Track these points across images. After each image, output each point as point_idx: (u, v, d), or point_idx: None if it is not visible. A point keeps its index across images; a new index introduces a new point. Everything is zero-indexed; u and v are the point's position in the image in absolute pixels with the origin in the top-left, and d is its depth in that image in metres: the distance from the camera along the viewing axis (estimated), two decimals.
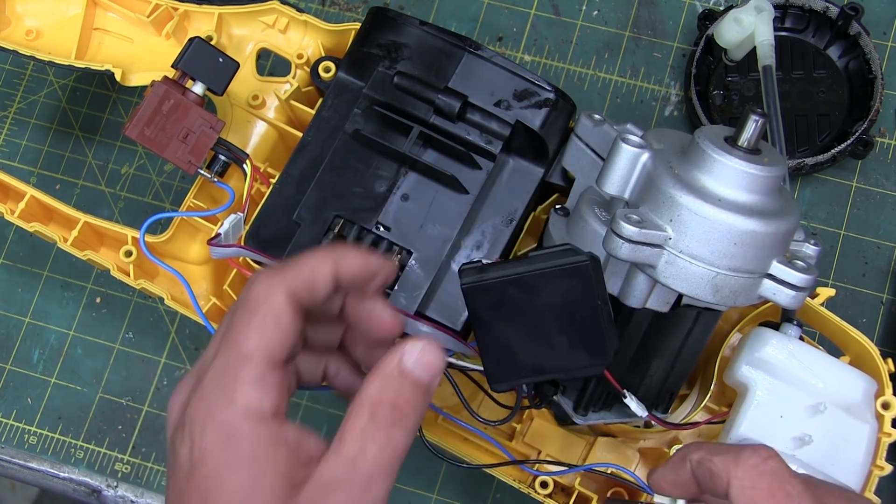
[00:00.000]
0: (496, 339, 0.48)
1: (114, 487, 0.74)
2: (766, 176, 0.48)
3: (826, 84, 0.76)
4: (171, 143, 0.61)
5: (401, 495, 0.71)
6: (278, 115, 0.69)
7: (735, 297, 0.48)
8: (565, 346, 0.47)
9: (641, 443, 0.63)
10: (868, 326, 0.72)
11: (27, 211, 0.67)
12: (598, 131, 0.56)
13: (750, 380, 0.56)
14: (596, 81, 0.80)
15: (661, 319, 0.52)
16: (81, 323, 0.77)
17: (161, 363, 0.76)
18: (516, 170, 0.61)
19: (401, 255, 0.59)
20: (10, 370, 0.77)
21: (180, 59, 0.62)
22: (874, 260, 0.74)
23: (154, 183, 0.80)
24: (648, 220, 0.48)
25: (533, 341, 0.47)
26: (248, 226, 0.62)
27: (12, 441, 0.75)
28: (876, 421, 0.56)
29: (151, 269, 0.67)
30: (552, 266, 0.46)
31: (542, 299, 0.46)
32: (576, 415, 0.57)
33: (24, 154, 0.82)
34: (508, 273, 0.47)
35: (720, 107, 0.76)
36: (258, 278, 0.41)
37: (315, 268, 0.42)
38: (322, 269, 0.42)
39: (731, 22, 0.69)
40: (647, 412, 0.53)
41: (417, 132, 0.59)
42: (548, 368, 0.48)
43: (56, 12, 0.72)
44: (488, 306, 0.47)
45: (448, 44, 0.60)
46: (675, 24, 0.81)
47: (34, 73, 0.84)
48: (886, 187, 0.75)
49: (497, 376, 0.48)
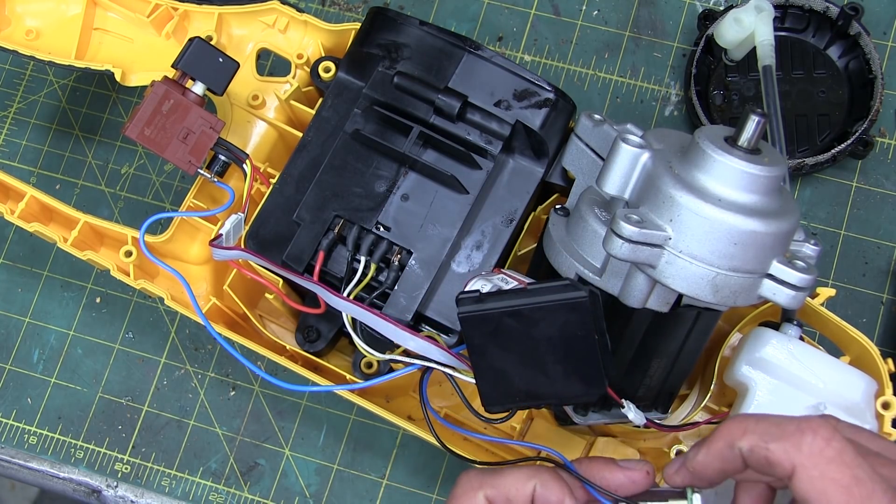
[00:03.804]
0: (491, 364, 0.48)
1: (114, 487, 0.74)
2: (766, 176, 0.48)
3: (826, 84, 0.76)
4: (171, 143, 0.61)
5: (401, 495, 0.71)
6: (278, 115, 0.69)
7: (735, 297, 0.48)
8: (560, 374, 0.47)
9: (641, 442, 0.63)
10: (868, 326, 0.72)
11: (27, 211, 0.67)
12: (598, 131, 0.56)
13: (750, 380, 0.56)
14: (596, 81, 0.80)
15: (661, 319, 0.52)
16: (81, 323, 0.77)
17: (161, 363, 0.76)
18: (516, 170, 0.61)
19: (401, 255, 0.59)
20: (10, 370, 0.77)
21: (180, 59, 0.62)
22: (874, 260, 0.74)
23: (154, 183, 0.80)
24: (648, 220, 0.48)
25: (528, 368, 0.47)
26: (248, 226, 0.62)
27: (12, 441, 0.75)
28: (876, 421, 0.56)
29: (151, 269, 0.67)
30: (551, 301, 0.46)
31: (539, 331, 0.47)
32: (576, 415, 0.57)
33: (24, 154, 0.82)
34: (506, 305, 0.47)
35: (720, 107, 0.76)
36: (465, 476, 0.46)
37: (517, 485, 0.45)
38: (522, 488, 0.45)
39: (731, 22, 0.69)
40: (645, 419, 0.54)
41: (417, 132, 0.59)
42: (542, 395, 0.48)
43: (56, 12, 0.72)
44: (485, 334, 0.48)
45: (448, 44, 0.60)
46: (675, 24, 0.81)
47: (34, 73, 0.84)
48: (886, 187, 0.75)
49: (492, 399, 0.49)
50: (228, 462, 0.73)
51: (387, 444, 0.72)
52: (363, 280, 0.59)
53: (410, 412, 0.65)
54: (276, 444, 0.73)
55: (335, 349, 0.66)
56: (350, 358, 0.64)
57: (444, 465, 0.71)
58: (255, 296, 0.68)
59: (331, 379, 0.62)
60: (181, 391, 0.75)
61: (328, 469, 0.72)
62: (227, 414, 0.74)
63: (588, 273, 0.52)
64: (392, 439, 0.72)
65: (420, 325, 0.60)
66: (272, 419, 0.74)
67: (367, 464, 0.72)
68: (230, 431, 0.74)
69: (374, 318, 0.55)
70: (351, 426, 0.73)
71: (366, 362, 0.61)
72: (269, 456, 0.73)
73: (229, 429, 0.74)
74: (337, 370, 0.61)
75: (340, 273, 0.60)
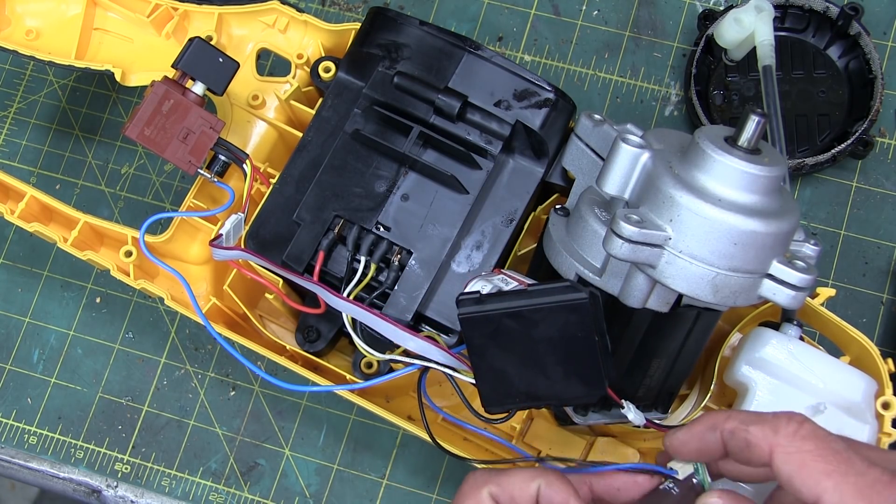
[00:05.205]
0: (491, 365, 0.48)
1: (114, 487, 0.74)
2: (766, 176, 0.48)
3: (826, 84, 0.76)
4: (171, 143, 0.61)
5: (401, 495, 0.71)
6: (278, 115, 0.69)
7: (735, 297, 0.48)
8: (560, 375, 0.47)
9: (641, 442, 0.63)
10: (868, 326, 0.72)
11: (27, 211, 0.67)
12: (598, 131, 0.56)
13: (750, 380, 0.56)
14: (596, 81, 0.80)
15: (661, 319, 0.52)
16: (81, 323, 0.77)
17: (161, 363, 0.76)
18: (516, 170, 0.61)
19: (401, 255, 0.59)
20: (10, 370, 0.77)
21: (180, 59, 0.62)
22: (874, 260, 0.74)
23: (154, 183, 0.80)
24: (648, 220, 0.48)
25: (528, 369, 0.48)
26: (248, 226, 0.62)
27: (12, 441, 0.75)
28: (876, 421, 0.56)
29: (151, 269, 0.67)
30: (551, 302, 0.46)
31: (539, 332, 0.47)
32: (576, 415, 0.57)
33: (24, 154, 0.82)
34: (506, 306, 0.47)
35: (720, 107, 0.76)
36: (472, 474, 0.47)
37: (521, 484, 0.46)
38: (526, 487, 0.46)
39: (731, 22, 0.69)
40: (645, 420, 0.54)
41: (417, 132, 0.59)
42: (542, 395, 0.48)
43: (56, 12, 0.72)
44: (485, 335, 0.48)
45: (448, 44, 0.60)
46: (675, 24, 0.81)
47: (34, 73, 0.84)
48: (886, 187, 0.75)
49: (491, 400, 0.49)
50: (228, 462, 0.73)
51: (387, 444, 0.72)
52: (363, 280, 0.59)
53: (410, 412, 0.65)
54: (276, 444, 0.73)
55: (335, 349, 0.66)
56: (350, 358, 0.64)
57: (444, 465, 0.71)
58: (255, 296, 0.68)
59: (331, 379, 0.62)
60: (181, 391, 0.75)
61: (328, 469, 0.72)
62: (227, 414, 0.74)
63: (588, 273, 0.52)
64: (392, 439, 0.72)
65: (420, 325, 0.60)
66: (272, 419, 0.74)
67: (367, 464, 0.72)
68: (230, 431, 0.74)
69: (374, 318, 0.55)
70: (351, 426, 0.73)
71: (366, 362, 0.61)
72: (269, 456, 0.73)
73: (229, 429, 0.74)
74: (337, 370, 0.61)
75: (340, 273, 0.60)
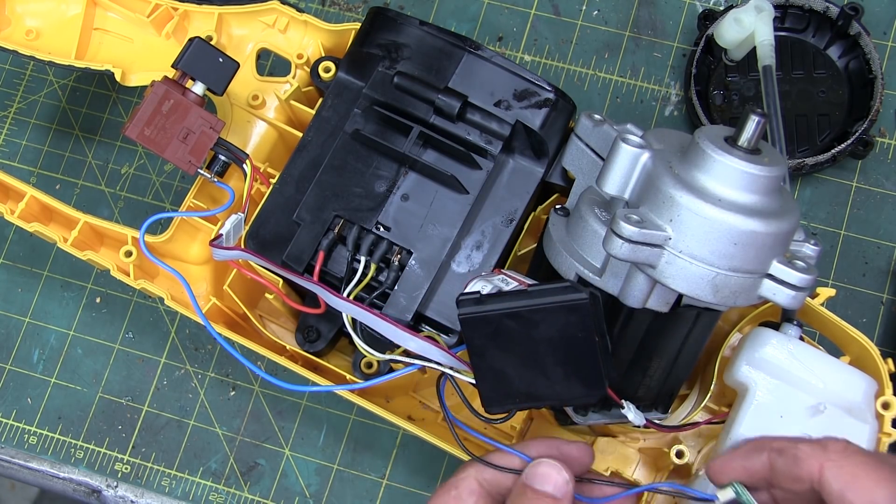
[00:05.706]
0: (491, 365, 0.48)
1: (114, 487, 0.74)
2: (766, 176, 0.48)
3: (826, 84, 0.76)
4: (171, 143, 0.61)
5: (401, 495, 0.71)
6: (278, 115, 0.69)
7: (735, 297, 0.48)
8: (561, 376, 0.47)
9: (641, 442, 0.63)
10: (868, 326, 0.72)
11: (27, 211, 0.67)
12: (598, 131, 0.56)
13: (750, 380, 0.56)
14: (596, 81, 0.80)
15: (661, 319, 0.52)
16: (81, 323, 0.77)
17: (161, 363, 0.76)
18: (516, 170, 0.61)
19: (401, 255, 0.59)
20: (10, 370, 0.77)
21: (180, 59, 0.62)
22: (874, 260, 0.74)
23: (154, 183, 0.80)
24: (648, 220, 0.48)
25: (528, 370, 0.48)
26: (248, 226, 0.62)
27: (12, 441, 0.75)
28: (876, 421, 0.56)
29: (151, 269, 0.67)
30: (551, 303, 0.46)
31: (539, 332, 0.47)
32: (576, 415, 0.57)
33: (24, 154, 0.82)
34: (507, 306, 0.47)
35: (720, 107, 0.76)
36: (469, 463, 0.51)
37: None
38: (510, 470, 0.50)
39: (731, 22, 0.69)
40: (644, 420, 0.54)
41: (417, 132, 0.59)
42: (543, 396, 0.48)
43: (56, 12, 0.72)
44: (485, 336, 0.48)
45: (448, 44, 0.60)
46: (675, 24, 0.81)
47: (34, 73, 0.84)
48: (886, 187, 0.75)
49: (492, 400, 0.49)
50: (228, 462, 0.73)
51: (387, 444, 0.72)
52: (363, 280, 0.59)
53: (410, 412, 0.65)
54: (276, 444, 0.73)
55: (335, 349, 0.66)
56: (350, 358, 0.64)
57: (443, 465, 0.71)
58: (255, 296, 0.68)
59: (331, 379, 0.62)
60: (181, 391, 0.75)
61: (328, 469, 0.72)
62: (227, 414, 0.74)
63: (588, 273, 0.52)
64: (392, 439, 0.72)
65: (420, 325, 0.60)
66: (272, 419, 0.74)
67: (367, 464, 0.72)
68: (230, 431, 0.74)
69: (374, 318, 0.55)
70: (351, 426, 0.73)
71: (366, 362, 0.61)
72: (269, 456, 0.73)
73: (229, 429, 0.74)
74: (337, 370, 0.61)
75: (340, 273, 0.60)
